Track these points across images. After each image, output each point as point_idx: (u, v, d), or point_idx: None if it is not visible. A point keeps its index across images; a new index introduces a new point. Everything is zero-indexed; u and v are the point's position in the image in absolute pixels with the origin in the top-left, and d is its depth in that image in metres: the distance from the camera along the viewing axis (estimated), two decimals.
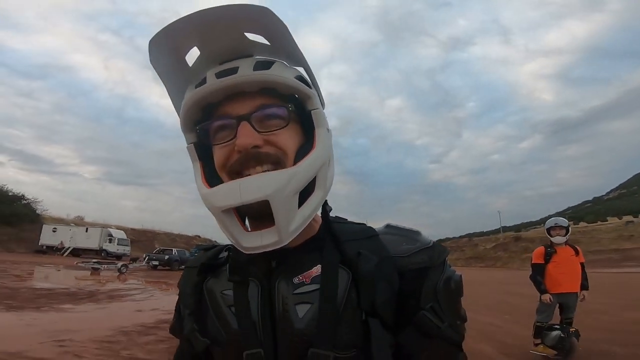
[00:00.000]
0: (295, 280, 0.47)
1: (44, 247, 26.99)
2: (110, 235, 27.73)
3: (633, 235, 36.23)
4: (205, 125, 0.48)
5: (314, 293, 0.45)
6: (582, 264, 3.98)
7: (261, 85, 0.46)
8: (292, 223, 0.44)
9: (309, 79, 0.51)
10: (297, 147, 0.48)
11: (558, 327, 3.84)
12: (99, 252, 26.11)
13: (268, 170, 0.45)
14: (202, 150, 0.50)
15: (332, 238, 0.49)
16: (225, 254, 0.56)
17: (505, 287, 11.62)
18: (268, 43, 0.48)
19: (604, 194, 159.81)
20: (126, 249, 27.87)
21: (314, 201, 0.47)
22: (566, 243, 4.00)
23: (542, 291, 3.95)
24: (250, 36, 0.47)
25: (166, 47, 0.46)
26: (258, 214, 0.45)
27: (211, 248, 0.59)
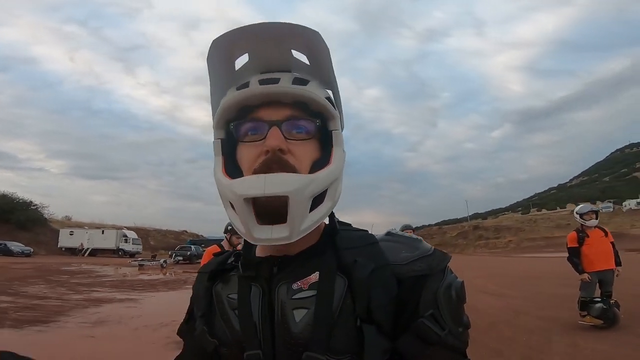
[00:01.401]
0: (294, 286, 0.51)
1: (64, 249, 31.11)
2: (125, 235, 32.26)
3: (569, 223, 44.30)
4: (240, 123, 0.53)
5: (311, 299, 0.49)
6: (612, 243, 4.52)
7: (296, 98, 0.52)
8: (303, 223, 0.49)
9: (335, 102, 0.57)
10: (312, 161, 0.53)
11: (599, 299, 4.36)
12: (117, 252, 30.63)
13: None
14: (225, 147, 0.56)
15: (332, 246, 0.53)
16: (232, 259, 0.61)
17: None
18: (308, 63, 0.55)
19: (567, 180, 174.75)
20: (139, 247, 32.55)
21: (323, 209, 0.51)
22: (595, 226, 4.63)
23: (580, 272, 4.48)
24: (295, 53, 0.54)
25: (223, 50, 0.52)
26: (271, 212, 0.49)
27: (220, 253, 0.65)
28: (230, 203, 0.51)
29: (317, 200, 0.50)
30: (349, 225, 0.60)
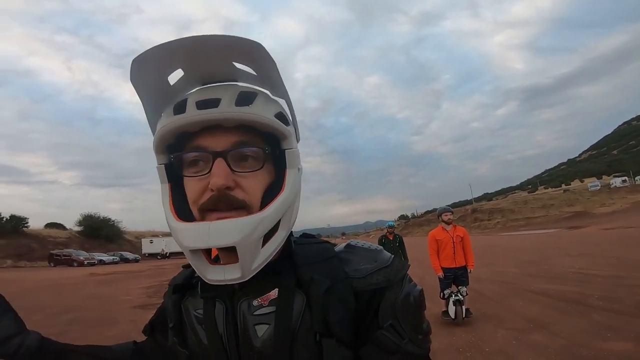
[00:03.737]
0: (255, 302, 0.53)
1: (147, 255, 41.37)
2: None
3: (554, 204, 52.95)
4: (180, 156, 0.51)
5: (271, 315, 0.52)
6: None
7: (236, 122, 0.49)
8: (255, 262, 0.49)
9: (288, 113, 0.56)
10: (265, 188, 0.52)
11: None
12: None
13: (236, 215, 0.48)
14: (172, 172, 0.53)
15: (290, 262, 0.55)
16: None
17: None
18: (255, 73, 0.53)
19: (577, 155, 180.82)
20: None
21: (276, 240, 0.52)
22: None
23: None
24: (238, 65, 0.51)
25: (151, 66, 0.49)
26: (225, 248, 0.49)
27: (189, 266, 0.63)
28: None
29: (271, 231, 0.50)
30: (313, 237, 0.63)
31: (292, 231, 0.57)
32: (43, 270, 24.20)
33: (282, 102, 0.56)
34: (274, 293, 0.53)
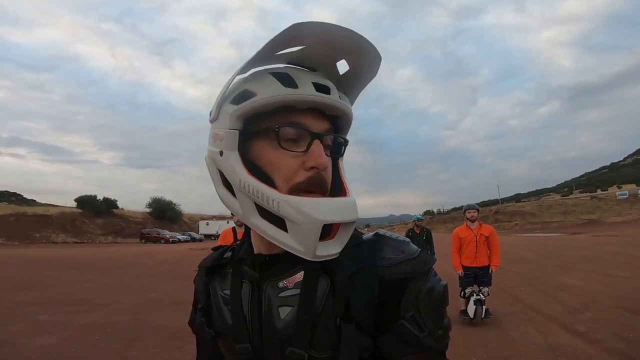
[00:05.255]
0: (280, 284, 0.56)
1: (203, 236, 49.11)
2: None
3: (575, 210, 54.64)
4: (285, 128, 0.52)
5: (295, 297, 0.54)
6: None
7: (338, 112, 0.54)
8: (347, 239, 0.55)
9: None
10: None
11: None
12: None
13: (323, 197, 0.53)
14: (240, 140, 0.53)
15: None
16: (229, 254, 0.66)
17: None
18: (339, 74, 0.57)
19: (621, 159, 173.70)
20: None
21: None
22: None
23: None
24: (338, 62, 0.56)
25: (299, 37, 0.51)
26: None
27: (219, 248, 0.70)
28: (273, 216, 0.51)
29: None
30: None
31: None
32: (143, 246, 29.94)
33: None
34: (299, 276, 0.55)
